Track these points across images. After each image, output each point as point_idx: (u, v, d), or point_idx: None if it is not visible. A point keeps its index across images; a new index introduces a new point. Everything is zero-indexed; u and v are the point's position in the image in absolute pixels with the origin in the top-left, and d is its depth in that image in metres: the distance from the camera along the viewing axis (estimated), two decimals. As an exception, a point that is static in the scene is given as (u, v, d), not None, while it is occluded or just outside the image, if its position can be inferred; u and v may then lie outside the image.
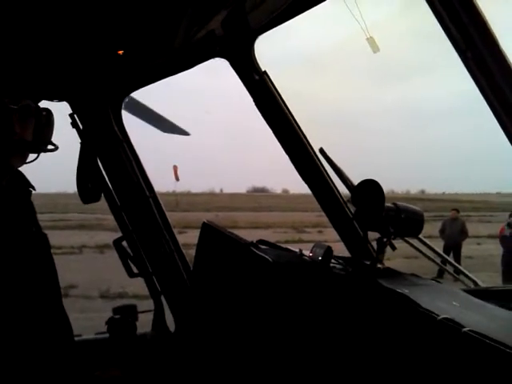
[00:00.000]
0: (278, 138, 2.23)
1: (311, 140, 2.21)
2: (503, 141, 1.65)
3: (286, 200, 46.69)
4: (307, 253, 1.83)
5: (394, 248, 1.76)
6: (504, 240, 11.64)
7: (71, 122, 2.59)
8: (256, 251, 1.74)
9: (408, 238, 1.92)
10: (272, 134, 2.24)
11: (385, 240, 1.72)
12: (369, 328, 1.36)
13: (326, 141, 2.21)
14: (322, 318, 1.51)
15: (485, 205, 41.20)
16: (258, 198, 50.08)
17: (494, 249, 13.59)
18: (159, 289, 2.78)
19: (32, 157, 1.53)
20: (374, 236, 1.81)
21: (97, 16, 1.60)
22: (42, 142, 1.53)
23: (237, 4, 1.69)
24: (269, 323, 1.58)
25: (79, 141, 2.55)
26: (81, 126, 2.58)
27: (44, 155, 1.58)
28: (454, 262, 2.64)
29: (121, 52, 1.92)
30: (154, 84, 2.46)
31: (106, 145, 2.65)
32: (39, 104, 1.55)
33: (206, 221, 2.30)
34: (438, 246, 11.12)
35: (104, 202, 2.68)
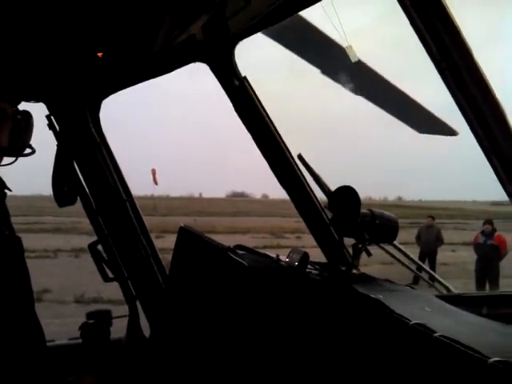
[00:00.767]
0: (256, 144, 2.24)
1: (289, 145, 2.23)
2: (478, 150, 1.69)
3: (266, 205, 46.73)
4: (284, 258, 1.84)
5: (369, 254, 1.78)
6: (478, 247, 11.93)
7: (48, 124, 2.55)
8: (233, 256, 1.74)
9: (383, 245, 1.95)
10: (251, 140, 2.25)
11: (360, 246, 1.74)
12: (343, 333, 1.38)
13: (305, 146, 2.23)
14: (297, 323, 1.51)
15: (460, 212, 41.91)
16: (237, 203, 49.99)
17: (468, 256, 13.85)
18: (134, 293, 2.75)
19: (8, 160, 1.49)
20: (350, 242, 1.83)
21: (77, 17, 1.58)
22: (19, 146, 1.49)
23: (218, 9, 1.69)
24: (245, 328, 1.58)
25: (55, 142, 2.52)
26: (57, 128, 2.55)
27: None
28: (428, 269, 2.69)
29: (100, 54, 1.90)
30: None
31: (83, 147, 2.61)
32: (19, 106, 1.51)
33: (183, 225, 2.28)
34: (414, 252, 11.29)
35: (80, 205, 2.65)
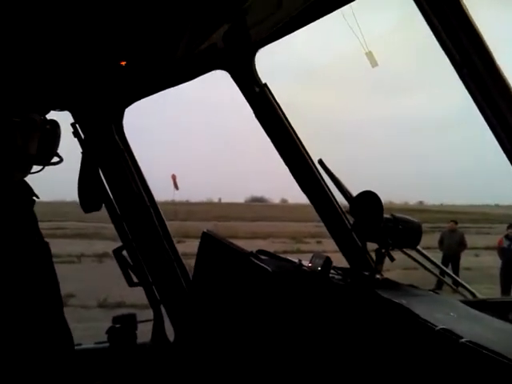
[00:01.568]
0: (277, 149, 2.25)
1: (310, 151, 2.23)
2: (501, 153, 1.67)
3: (285, 210, 46.61)
4: (306, 263, 1.84)
5: (392, 259, 1.77)
6: (502, 252, 11.67)
7: (73, 132, 2.61)
8: (255, 261, 1.75)
9: (406, 250, 1.94)
10: (272, 145, 2.26)
11: (383, 251, 1.73)
12: (367, 338, 1.37)
13: (325, 152, 2.24)
14: (320, 328, 1.51)
15: (483, 216, 41.13)
16: (257, 208, 49.99)
17: (492, 260, 13.58)
18: (159, 298, 2.78)
19: (36, 168, 1.53)
20: (372, 247, 1.82)
21: (100, 27, 1.63)
22: (46, 154, 1.53)
23: (238, 18, 1.72)
24: (268, 333, 1.59)
25: (81, 150, 2.57)
26: (82, 136, 2.61)
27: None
28: (452, 274, 2.65)
29: (123, 63, 1.94)
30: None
31: (108, 154, 2.67)
32: (48, 115, 1.55)
33: (205, 230, 2.31)
34: (437, 257, 11.12)
35: (103, 211, 2.70)
